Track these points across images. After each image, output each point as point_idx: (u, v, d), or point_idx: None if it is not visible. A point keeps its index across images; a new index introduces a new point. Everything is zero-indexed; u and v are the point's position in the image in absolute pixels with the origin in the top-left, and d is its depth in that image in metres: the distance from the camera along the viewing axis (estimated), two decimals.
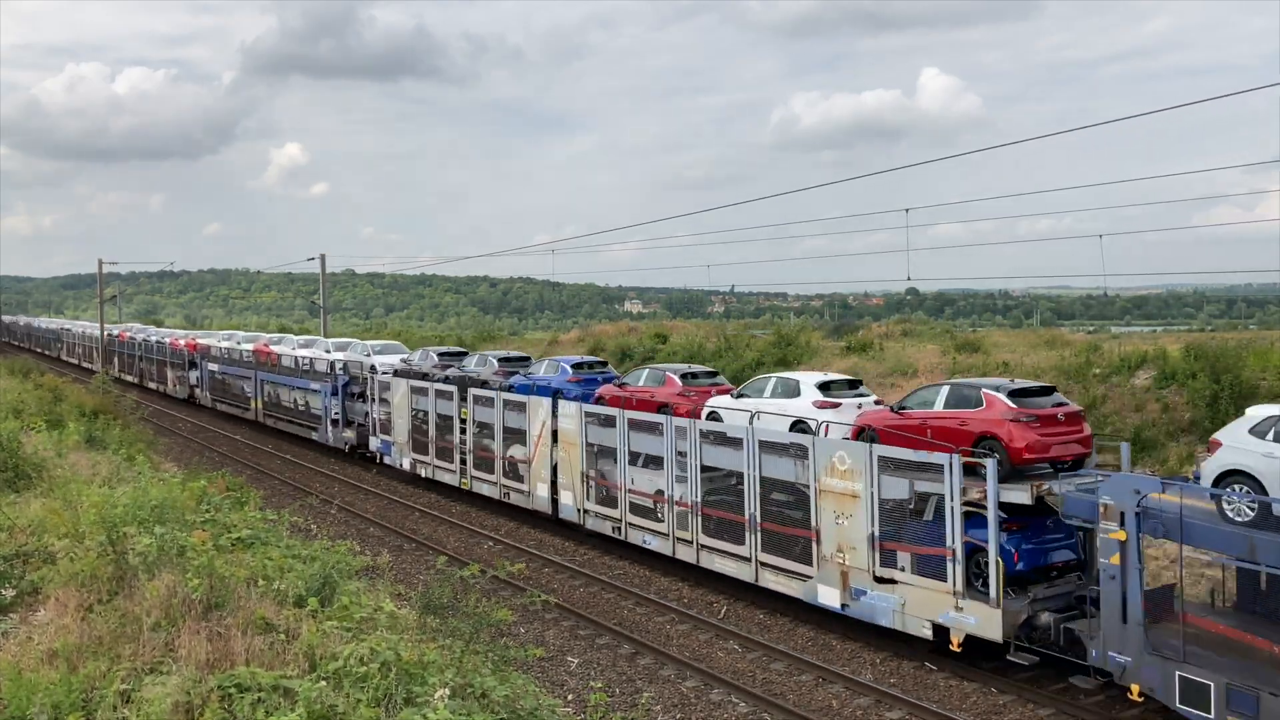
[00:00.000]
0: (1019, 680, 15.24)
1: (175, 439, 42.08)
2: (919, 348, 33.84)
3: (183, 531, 10.18)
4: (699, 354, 36.75)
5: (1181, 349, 25.98)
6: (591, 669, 16.69)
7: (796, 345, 36.15)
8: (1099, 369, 26.77)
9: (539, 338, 58.60)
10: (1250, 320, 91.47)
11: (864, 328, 43.37)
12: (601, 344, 43.80)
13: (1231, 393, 22.16)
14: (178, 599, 8.51)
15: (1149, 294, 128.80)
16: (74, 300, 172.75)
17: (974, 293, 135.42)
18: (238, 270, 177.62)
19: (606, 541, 23.96)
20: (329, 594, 9.55)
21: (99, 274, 64.54)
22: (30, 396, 28.63)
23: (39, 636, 8.62)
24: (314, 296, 56.32)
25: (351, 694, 7.00)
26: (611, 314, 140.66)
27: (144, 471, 14.74)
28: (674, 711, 14.92)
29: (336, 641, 7.99)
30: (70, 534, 10.91)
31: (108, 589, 9.22)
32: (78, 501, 12.01)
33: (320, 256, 51.79)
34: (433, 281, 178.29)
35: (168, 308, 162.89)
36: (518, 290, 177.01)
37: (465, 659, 8.63)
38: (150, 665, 7.65)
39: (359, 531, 26.17)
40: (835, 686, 15.64)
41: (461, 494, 30.10)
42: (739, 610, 19.45)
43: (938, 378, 28.78)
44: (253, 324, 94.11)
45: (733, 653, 17.29)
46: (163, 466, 23.54)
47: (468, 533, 26.35)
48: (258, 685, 7.07)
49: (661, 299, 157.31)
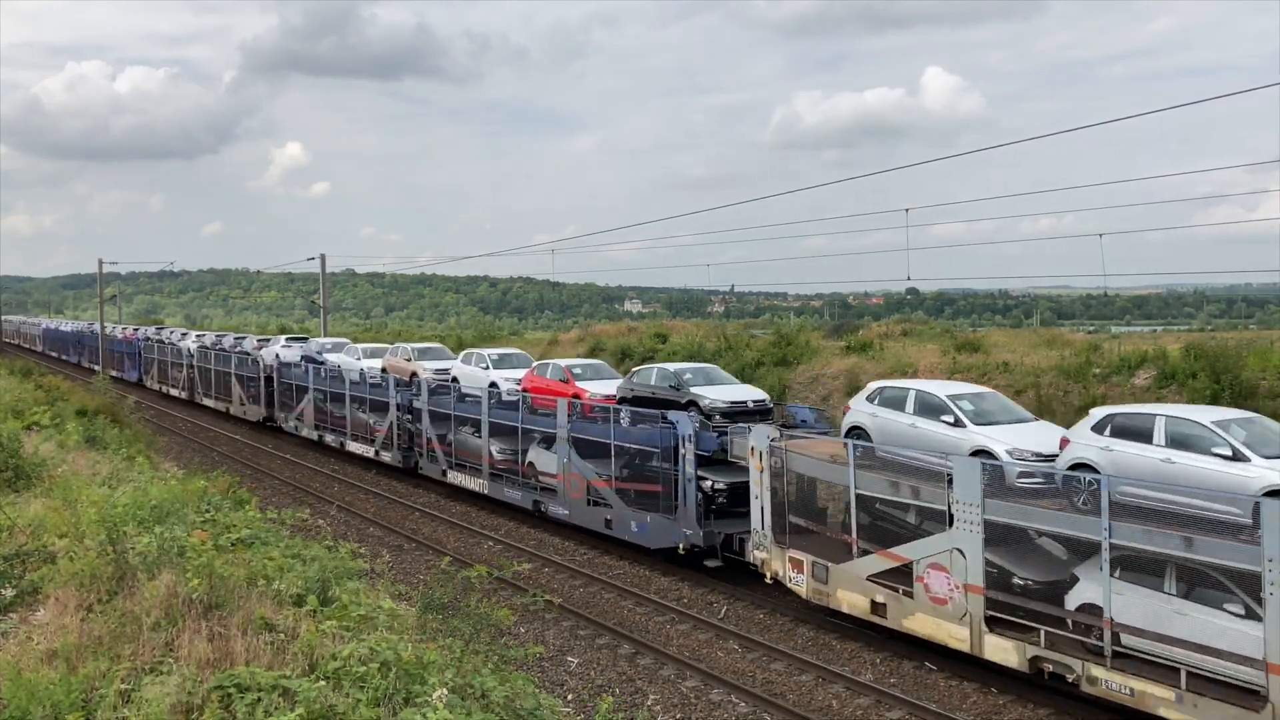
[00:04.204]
0: (1018, 681, 15.24)
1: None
2: (919, 348, 33.80)
3: (183, 531, 10.18)
4: (699, 354, 36.74)
5: (1181, 349, 25.94)
6: (591, 669, 16.70)
7: (796, 345, 36.14)
8: (1099, 369, 26.75)
9: (539, 338, 58.61)
10: (1250, 320, 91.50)
11: (864, 327, 43.31)
12: (601, 344, 43.80)
13: (1232, 393, 22.14)
14: (178, 599, 8.50)
15: (1149, 294, 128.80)
16: (74, 300, 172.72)
17: (974, 293, 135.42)
18: (238, 270, 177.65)
19: (606, 541, 23.99)
20: (329, 594, 9.55)
21: (99, 274, 64.57)
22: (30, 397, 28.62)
23: (39, 636, 8.61)
24: (314, 296, 56.33)
25: (351, 694, 7.00)
26: (611, 314, 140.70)
27: (144, 471, 14.75)
28: (674, 711, 14.91)
29: (336, 641, 8.00)
30: (70, 534, 10.91)
31: (108, 589, 9.21)
32: (78, 501, 12.01)
33: (320, 256, 51.86)
34: (433, 281, 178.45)
35: (168, 308, 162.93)
36: (518, 290, 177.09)
37: (465, 659, 8.63)
38: (150, 665, 7.65)
39: (359, 531, 26.18)
40: (835, 686, 15.64)
41: (464, 494, 30.12)
42: (739, 610, 19.46)
43: (938, 377, 28.78)
44: (252, 324, 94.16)
45: (732, 653, 17.30)
46: (162, 465, 23.54)
47: (467, 533, 26.36)
48: (257, 685, 7.07)
49: (661, 299, 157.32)
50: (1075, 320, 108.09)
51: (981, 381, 25.12)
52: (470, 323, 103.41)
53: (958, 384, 20.64)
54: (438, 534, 26.43)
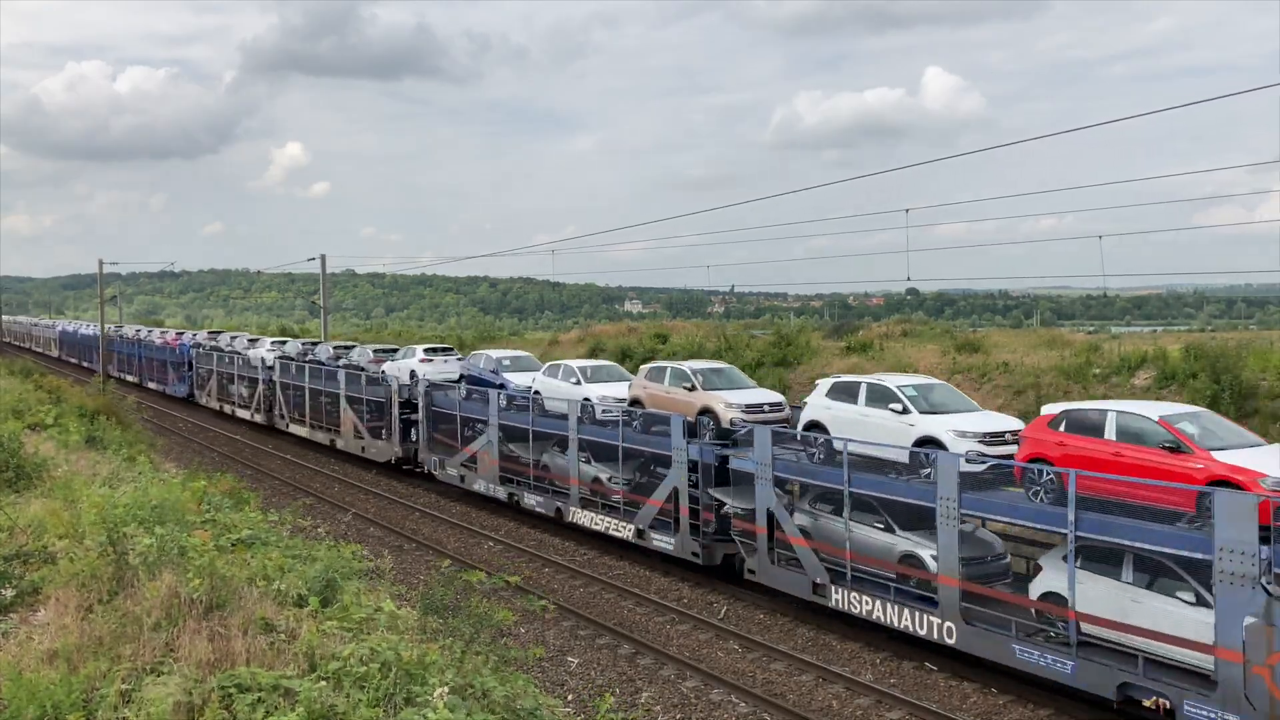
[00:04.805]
0: (1018, 681, 15.26)
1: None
2: (919, 348, 33.82)
3: (183, 531, 10.18)
4: (699, 354, 36.78)
5: (1181, 349, 25.98)
6: (591, 669, 16.70)
7: (796, 345, 36.16)
8: (1099, 369, 26.77)
9: (539, 338, 58.65)
10: (1250, 320, 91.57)
11: (864, 328, 43.32)
12: (602, 344, 43.84)
13: (1232, 393, 22.16)
14: (178, 599, 8.50)
15: (1149, 294, 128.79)
16: (74, 301, 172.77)
17: (974, 293, 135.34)
18: (238, 270, 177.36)
19: (606, 542, 23.98)
20: (330, 594, 9.55)
21: (99, 274, 64.56)
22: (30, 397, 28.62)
23: (39, 637, 8.61)
24: (314, 296, 56.31)
25: (352, 694, 7.00)
26: (612, 314, 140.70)
27: (145, 471, 14.75)
28: (674, 712, 14.92)
29: (337, 642, 8.00)
30: (71, 534, 10.91)
31: (108, 589, 9.21)
32: (78, 501, 12.01)
33: (320, 257, 51.74)
34: (433, 282, 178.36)
35: (168, 308, 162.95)
36: (518, 290, 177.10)
37: (465, 659, 8.64)
38: (151, 665, 7.65)
39: (359, 532, 26.18)
40: (835, 686, 15.65)
41: (466, 495, 30.12)
42: (739, 610, 19.46)
43: (937, 378, 28.81)
44: (253, 324, 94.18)
45: (733, 653, 17.30)
46: (163, 467, 23.53)
47: (468, 533, 26.36)
48: (258, 685, 7.07)
49: (661, 299, 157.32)
50: (1075, 321, 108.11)
51: (982, 382, 25.16)
52: (470, 323, 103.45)
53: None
54: (438, 534, 26.43)
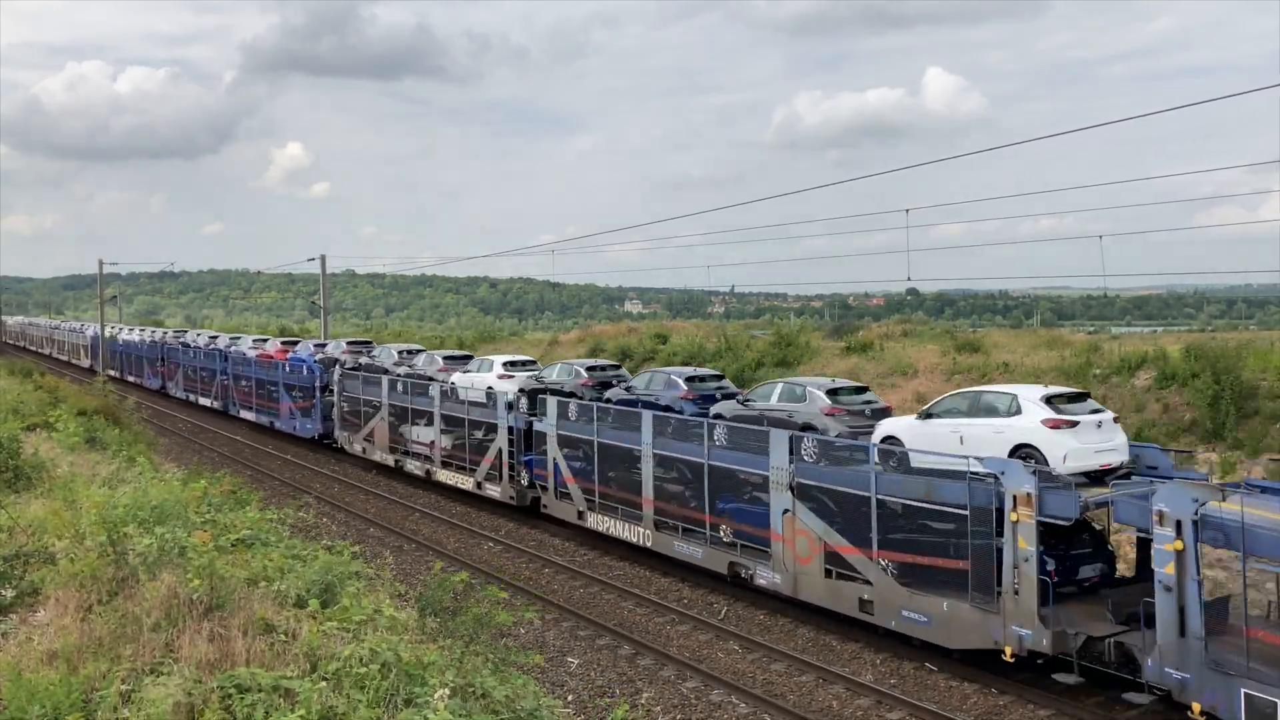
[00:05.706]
0: (1018, 681, 15.25)
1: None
2: (919, 348, 33.81)
3: (184, 532, 10.17)
4: (699, 354, 36.77)
5: (1182, 349, 25.94)
6: (592, 669, 16.70)
7: (796, 346, 36.14)
8: (1099, 369, 26.74)
9: (539, 338, 58.61)
10: (1250, 320, 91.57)
11: (864, 328, 43.32)
12: (602, 344, 43.82)
13: (1232, 393, 22.14)
14: (178, 599, 8.49)
15: (1149, 294, 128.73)
16: (74, 301, 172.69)
17: (974, 293, 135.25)
18: (238, 270, 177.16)
19: (606, 542, 23.97)
20: (329, 595, 9.54)
21: (99, 274, 64.57)
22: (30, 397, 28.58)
23: (39, 637, 8.60)
24: (314, 297, 56.32)
25: (352, 695, 6.99)
26: (612, 314, 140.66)
27: (145, 472, 14.75)
28: (674, 712, 14.92)
29: (337, 642, 7.99)
30: (70, 534, 10.90)
31: (108, 589, 9.20)
32: (78, 502, 12.00)
33: (321, 257, 51.80)
34: (433, 282, 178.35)
35: (168, 308, 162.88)
36: (518, 291, 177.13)
37: (466, 660, 8.63)
38: (150, 666, 7.64)
39: (359, 532, 26.17)
40: (835, 687, 15.64)
41: (466, 495, 30.11)
42: (739, 611, 19.45)
43: (937, 378, 28.80)
44: (253, 325, 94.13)
45: (733, 653, 17.29)
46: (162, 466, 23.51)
47: (467, 533, 26.36)
48: (258, 686, 7.06)
49: (662, 299, 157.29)
50: (1075, 321, 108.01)
51: (981, 382, 25.12)
52: (470, 323, 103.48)
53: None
54: (438, 534, 26.43)
